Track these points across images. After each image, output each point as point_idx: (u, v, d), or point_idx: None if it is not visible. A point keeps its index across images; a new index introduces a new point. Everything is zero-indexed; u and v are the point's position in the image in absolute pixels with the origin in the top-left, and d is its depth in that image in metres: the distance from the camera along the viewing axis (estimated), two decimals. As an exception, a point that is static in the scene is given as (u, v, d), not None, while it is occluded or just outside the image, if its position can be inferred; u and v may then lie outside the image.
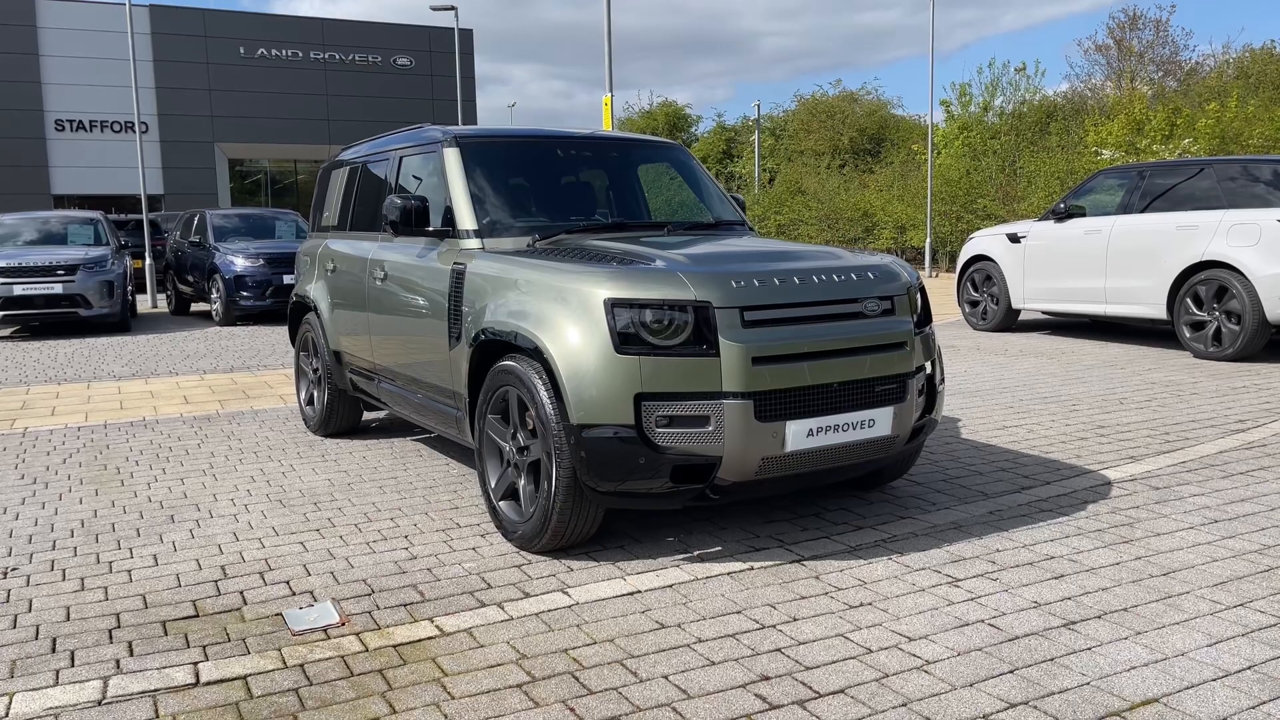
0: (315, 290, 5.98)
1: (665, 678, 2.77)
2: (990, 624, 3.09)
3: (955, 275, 11.79)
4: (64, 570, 3.77)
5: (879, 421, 3.73)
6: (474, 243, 4.35)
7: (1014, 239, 10.67)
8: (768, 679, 2.76)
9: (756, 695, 2.66)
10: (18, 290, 12.40)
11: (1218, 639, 2.94)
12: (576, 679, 2.77)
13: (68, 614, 3.33)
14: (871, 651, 2.92)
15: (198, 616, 3.30)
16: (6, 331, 13.49)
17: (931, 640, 2.98)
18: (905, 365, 3.81)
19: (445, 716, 2.57)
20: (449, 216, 4.50)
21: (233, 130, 33.52)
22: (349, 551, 3.91)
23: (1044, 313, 10.76)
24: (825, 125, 39.06)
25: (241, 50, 33.42)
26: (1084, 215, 9.96)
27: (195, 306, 16.26)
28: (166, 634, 3.15)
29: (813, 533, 4.01)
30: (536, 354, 3.63)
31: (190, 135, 32.91)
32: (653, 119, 54.53)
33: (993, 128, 24.81)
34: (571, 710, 2.60)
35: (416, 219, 4.47)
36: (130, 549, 4.00)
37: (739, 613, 3.22)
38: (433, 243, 4.60)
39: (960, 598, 3.30)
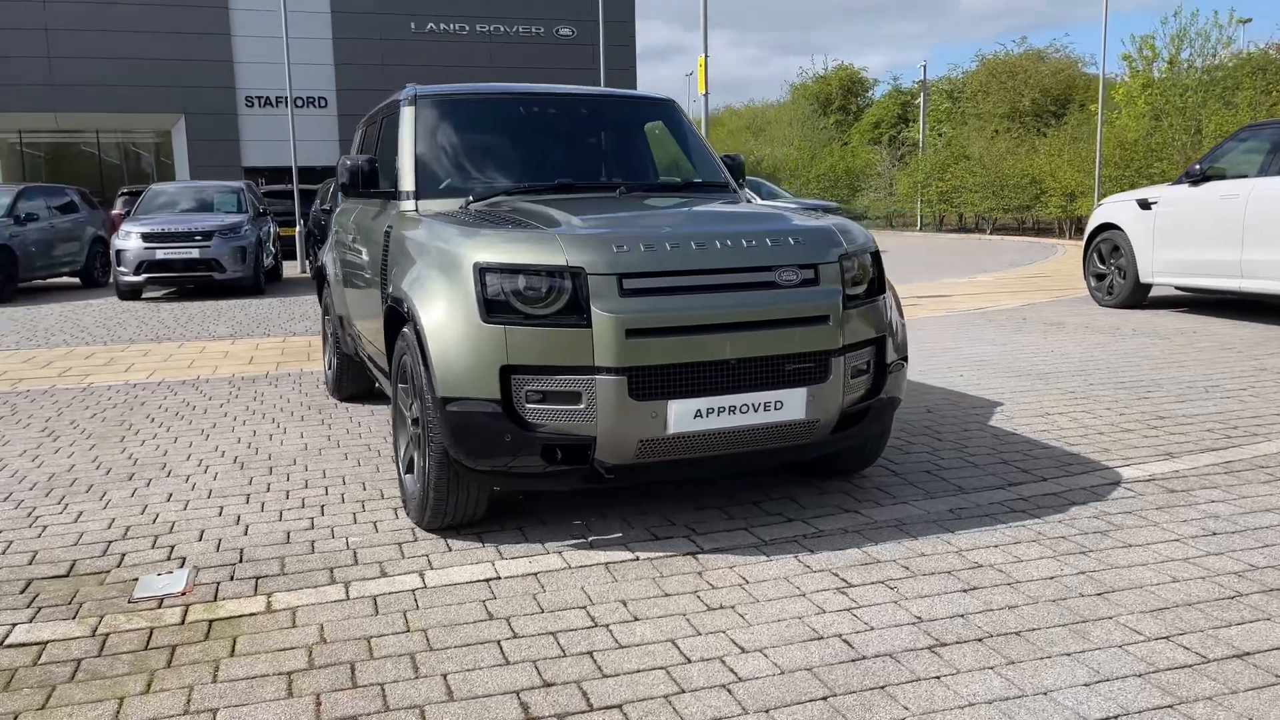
0: (327, 254, 6.00)
1: (443, 676, 2.54)
2: (846, 640, 2.69)
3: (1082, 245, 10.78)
4: (-8, 523, 3.89)
5: (789, 403, 3.33)
6: (409, 204, 4.19)
7: (1144, 205, 9.61)
8: (550, 685, 2.48)
9: (521, 704, 2.40)
10: (159, 254, 13.26)
11: (1103, 678, 2.44)
12: (352, 670, 2.59)
13: (-45, 567, 3.42)
14: (689, 663, 2.59)
15: (65, 577, 3.31)
16: (160, 293, 14.46)
17: (765, 654, 2.62)
18: (827, 341, 3.38)
19: (187, 701, 2.44)
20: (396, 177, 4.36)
21: (404, 103, 34.75)
22: (256, 519, 3.85)
23: (1177, 288, 9.68)
24: (1005, 86, 36.80)
25: (412, 25, 34.57)
26: (1223, 178, 8.85)
27: (334, 272, 16.93)
28: (22, 593, 3.17)
29: (737, 522, 3.66)
30: (414, 321, 3.44)
31: (365, 109, 34.21)
32: (827, 84, 53.08)
33: (1179, 84, 22.58)
34: (318, 705, 2.41)
35: (364, 181, 4.36)
36: (67, 505, 4.09)
37: (582, 608, 2.95)
38: (384, 204, 4.48)
39: (836, 606, 2.90)
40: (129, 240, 13.32)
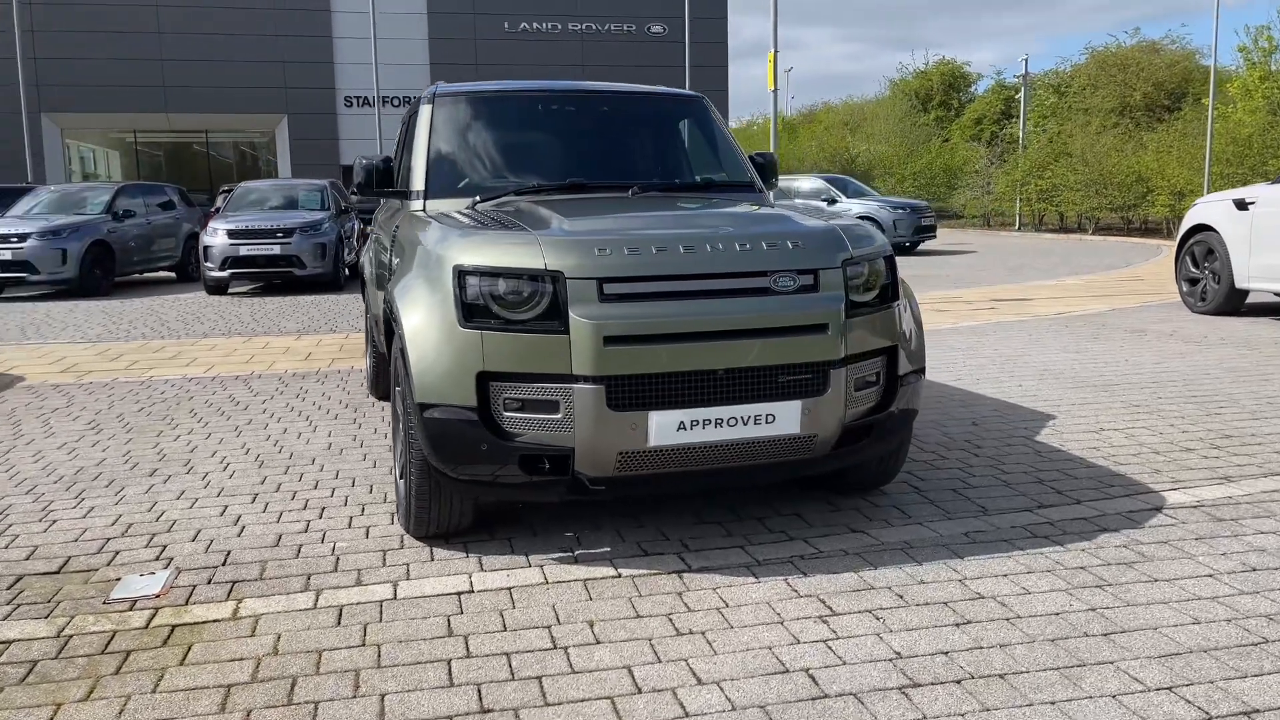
0: (365, 253, 6.01)
1: (381, 696, 2.45)
2: (811, 674, 2.50)
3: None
4: (7, 518, 3.95)
5: (781, 417, 3.14)
6: (418, 204, 4.13)
7: (1241, 205, 9.02)
8: (487, 712, 2.37)
9: (451, 730, 2.29)
10: (243, 251, 13.62)
11: (1084, 733, 2.21)
12: (293, 685, 2.51)
13: (-44, 560, 3.48)
14: (638, 693, 2.44)
15: (55, 574, 3.33)
16: (246, 288, 14.85)
17: (721, 686, 2.46)
18: (825, 351, 3.18)
19: (120, 711, 2.40)
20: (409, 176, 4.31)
21: (497, 102, 35.15)
22: (255, 519, 3.84)
23: (1276, 294, 9.05)
24: (1115, 80, 35.25)
25: (506, 25, 34.96)
26: (1327, 177, 8.22)
27: (415, 269, 17.16)
28: (8, 589, 3.20)
29: (734, 539, 3.49)
30: (398, 323, 3.36)
31: (459, 108, 34.83)
32: (927, 79, 51.82)
33: (1299, 77, 21.25)
34: (246, 721, 2.35)
35: (378, 180, 4.32)
36: (83, 499, 4.15)
37: (546, 628, 2.82)
38: (401, 204, 4.44)
39: (813, 636, 2.71)
40: (216, 237, 13.71)
